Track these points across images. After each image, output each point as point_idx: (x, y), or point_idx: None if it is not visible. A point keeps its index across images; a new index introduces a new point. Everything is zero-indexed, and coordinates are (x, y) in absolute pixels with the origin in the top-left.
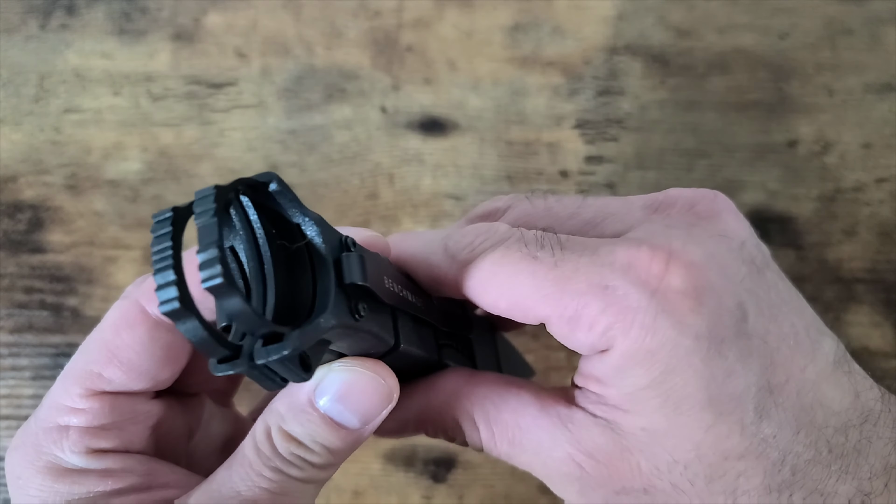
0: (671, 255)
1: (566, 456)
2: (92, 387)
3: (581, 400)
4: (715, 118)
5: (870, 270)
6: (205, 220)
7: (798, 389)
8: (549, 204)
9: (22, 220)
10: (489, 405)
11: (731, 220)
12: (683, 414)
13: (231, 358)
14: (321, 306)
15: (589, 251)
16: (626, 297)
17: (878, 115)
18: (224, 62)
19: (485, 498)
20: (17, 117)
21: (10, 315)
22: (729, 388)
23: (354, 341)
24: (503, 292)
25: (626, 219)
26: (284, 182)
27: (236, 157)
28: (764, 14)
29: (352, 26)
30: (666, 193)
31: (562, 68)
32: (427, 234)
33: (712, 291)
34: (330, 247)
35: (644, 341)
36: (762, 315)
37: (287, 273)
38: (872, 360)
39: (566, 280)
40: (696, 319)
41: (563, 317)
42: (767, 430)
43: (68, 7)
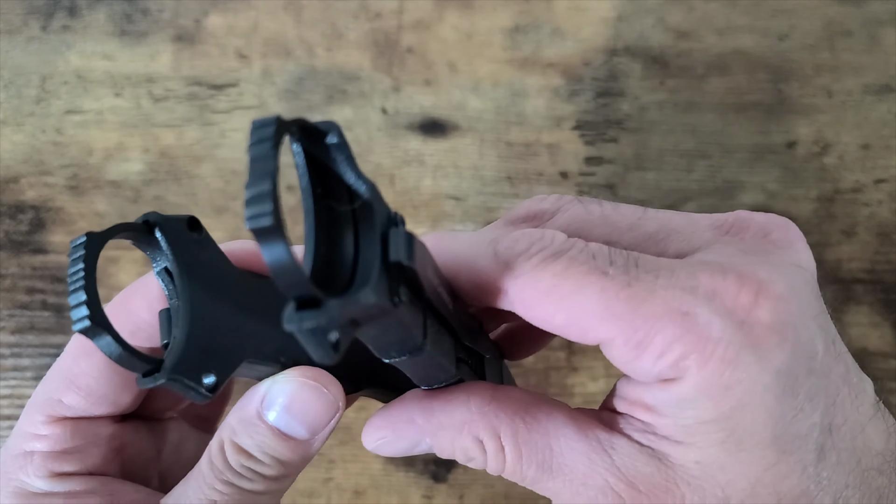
0: (760, 287)
1: (604, 484)
2: (53, 413)
3: (623, 426)
4: (714, 119)
5: (869, 271)
6: (260, 150)
7: (852, 432)
8: (605, 211)
9: (24, 221)
10: (519, 423)
11: (804, 251)
12: (745, 450)
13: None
14: (361, 280)
15: (666, 272)
16: (709, 326)
17: (877, 117)
18: (225, 63)
19: (485, 497)
20: (18, 118)
21: (11, 315)
22: (795, 428)
23: (382, 331)
24: (563, 307)
25: (692, 238)
26: (344, 136)
27: (237, 158)
28: (763, 15)
29: (352, 28)
30: (736, 216)
31: (561, 70)
32: (469, 236)
33: (794, 327)
34: (379, 217)
35: (723, 375)
36: (828, 353)
37: (328, 236)
38: (871, 361)
39: (641, 301)
40: (779, 355)
41: (630, 340)
42: (825, 472)
43: (70, 8)
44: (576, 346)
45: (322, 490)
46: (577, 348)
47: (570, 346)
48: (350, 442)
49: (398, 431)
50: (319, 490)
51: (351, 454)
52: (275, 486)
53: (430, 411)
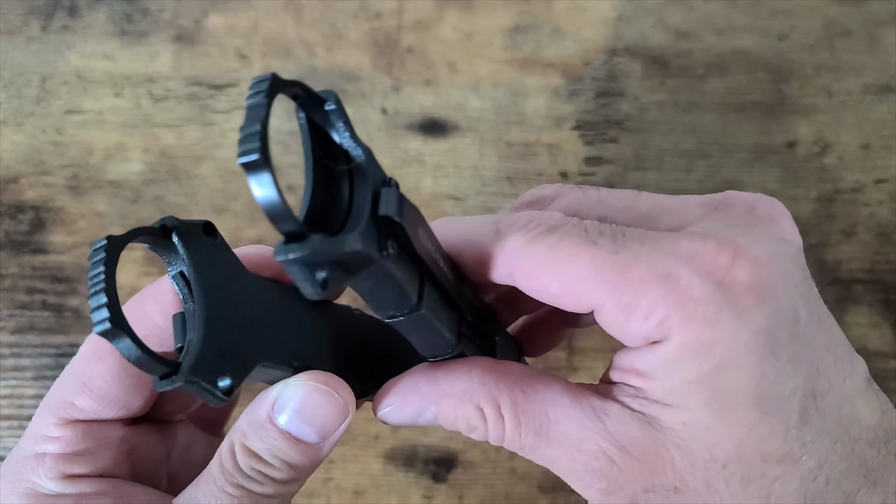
0: (738, 249)
1: (597, 449)
2: (65, 416)
3: (617, 393)
4: (714, 119)
5: (868, 271)
6: (256, 100)
7: (838, 400)
8: (601, 195)
9: (24, 221)
10: (517, 392)
11: (789, 226)
12: (729, 410)
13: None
14: (351, 227)
15: (651, 240)
16: (690, 286)
17: (877, 117)
18: (225, 63)
19: (485, 497)
20: (18, 118)
21: (11, 315)
22: (778, 389)
23: (376, 284)
24: (557, 275)
25: (682, 216)
26: (341, 103)
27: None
28: (763, 15)
29: (352, 28)
30: (724, 194)
31: (561, 70)
32: (474, 217)
33: (774, 290)
34: (373, 178)
35: (703, 333)
36: (811, 322)
37: (324, 192)
38: (871, 361)
39: (627, 266)
40: (758, 315)
41: (619, 303)
42: (808, 436)
43: (70, 9)
44: (576, 346)
45: (322, 490)
46: (577, 348)
47: (570, 346)
48: (350, 442)
49: (405, 398)
50: (319, 490)
51: (351, 454)
52: (284, 490)
53: (434, 380)
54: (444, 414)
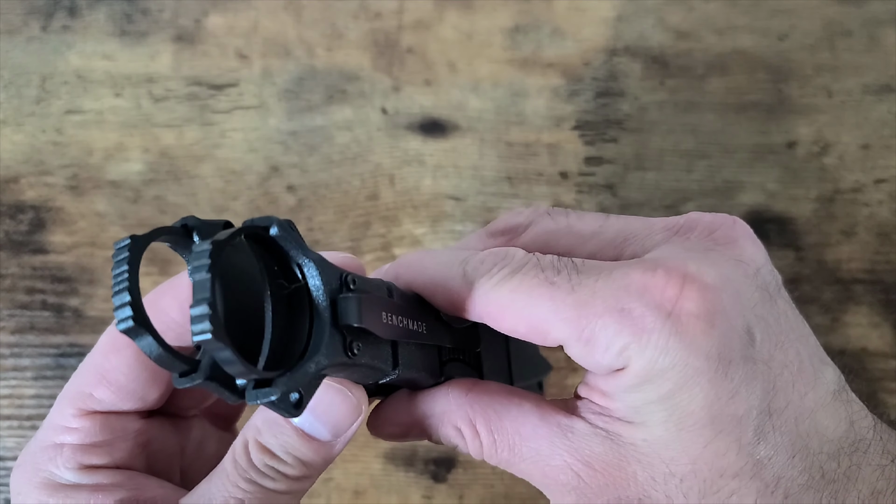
0: (685, 279)
1: (564, 464)
2: (84, 407)
3: (583, 411)
4: (714, 119)
5: (868, 271)
6: (199, 276)
7: (796, 416)
8: (570, 222)
9: (24, 221)
10: (491, 413)
11: (749, 247)
12: (685, 429)
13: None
14: (315, 347)
15: (605, 275)
16: (642, 318)
17: (877, 116)
18: (225, 63)
19: (485, 498)
20: (18, 118)
21: (11, 315)
22: (731, 409)
23: (351, 372)
24: (522, 317)
25: (645, 241)
26: (286, 225)
27: (237, 158)
28: (763, 15)
29: (352, 28)
30: (687, 217)
31: (561, 70)
32: (443, 254)
33: (724, 315)
34: (328, 287)
35: (657, 361)
36: (768, 341)
37: (285, 311)
38: (871, 361)
39: (583, 304)
40: (706, 342)
41: (580, 339)
42: (763, 452)
43: (70, 9)
44: None
45: (322, 490)
46: None
47: None
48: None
49: (392, 420)
50: (319, 490)
51: (351, 454)
52: (296, 487)
53: (415, 404)
54: (427, 434)
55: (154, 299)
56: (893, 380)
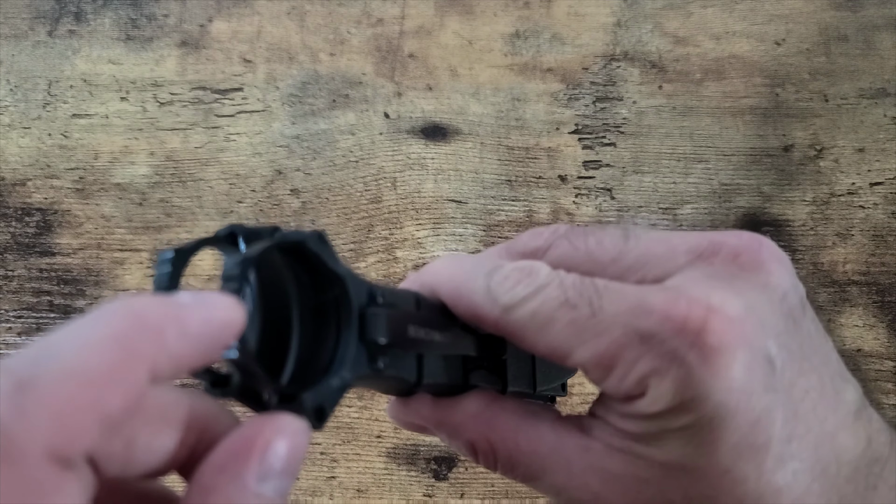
0: (709, 310)
1: (582, 484)
2: None
3: (599, 430)
4: (711, 123)
5: (864, 273)
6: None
7: (816, 442)
8: (589, 247)
9: (31, 224)
10: (508, 432)
11: (775, 270)
12: (704, 456)
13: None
14: (340, 361)
15: (627, 300)
16: (662, 347)
17: (872, 120)
18: (230, 68)
19: (485, 495)
20: (25, 122)
21: (18, 317)
22: (751, 438)
23: (376, 384)
24: (541, 339)
25: (667, 265)
26: (318, 237)
27: (242, 162)
28: (759, 21)
29: (355, 34)
30: (710, 240)
31: (561, 75)
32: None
33: (747, 347)
34: (357, 301)
35: (677, 393)
36: (790, 369)
37: (311, 323)
38: (866, 362)
39: (603, 330)
40: (728, 375)
41: (598, 365)
42: (782, 479)
43: (76, 14)
44: None
45: (325, 488)
46: None
47: None
48: (353, 440)
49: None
50: (322, 488)
51: (353, 453)
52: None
53: (436, 408)
54: (442, 438)
55: None
56: (889, 380)
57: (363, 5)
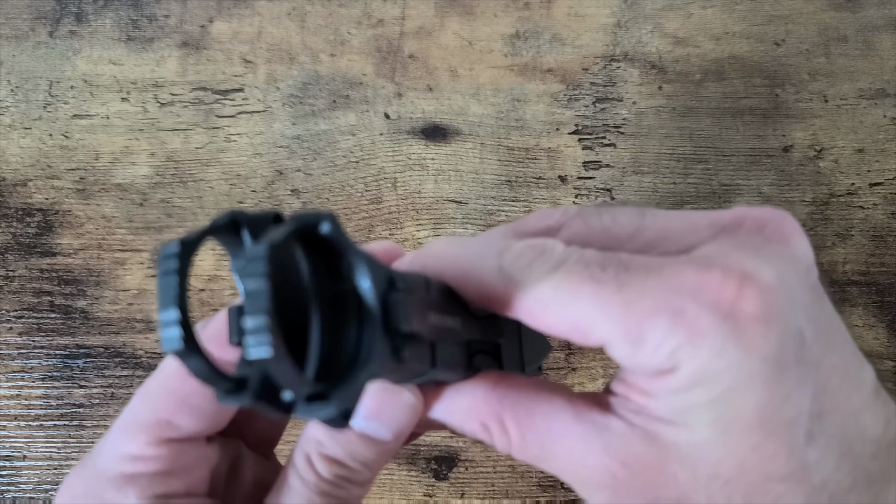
0: (744, 279)
1: (599, 464)
2: (162, 435)
3: (619, 408)
4: (711, 124)
5: (863, 273)
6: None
7: (843, 418)
8: (605, 224)
9: (32, 224)
10: (521, 410)
11: (800, 243)
12: (734, 432)
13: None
14: (366, 354)
15: (654, 272)
16: (697, 319)
17: (872, 121)
18: (230, 69)
19: (486, 495)
20: (26, 122)
21: (19, 317)
22: (783, 412)
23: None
24: (564, 316)
25: (690, 238)
26: (337, 222)
27: (242, 163)
28: (759, 21)
29: (356, 34)
30: (733, 213)
31: (561, 76)
32: (476, 245)
33: (780, 316)
34: (378, 289)
35: (711, 364)
36: (818, 343)
37: (330, 315)
38: None
39: (632, 303)
40: (763, 344)
41: (627, 339)
42: (812, 455)
43: (77, 14)
44: (575, 346)
45: None
46: (577, 348)
47: (569, 346)
48: None
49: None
50: None
51: None
52: (362, 491)
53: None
54: (452, 427)
55: None
56: (889, 380)
57: (363, 6)
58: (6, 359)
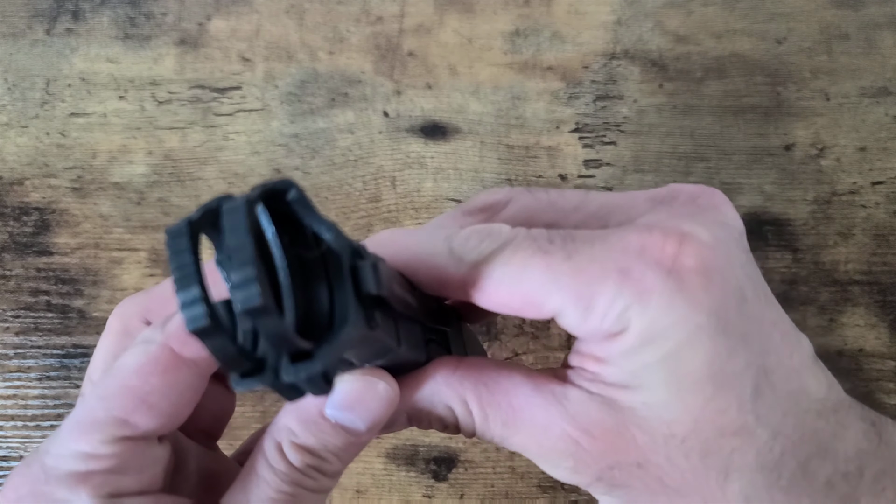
0: (682, 237)
1: (561, 432)
2: (116, 433)
3: (575, 378)
4: (712, 122)
5: (865, 272)
6: (238, 237)
7: (787, 374)
8: (551, 198)
9: (28, 223)
10: (481, 388)
11: (730, 213)
12: (686, 388)
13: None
14: (341, 318)
15: (600, 240)
16: (643, 278)
17: (874, 119)
18: (228, 67)
19: (485, 496)
20: (23, 121)
21: (16, 316)
22: (730, 366)
23: (363, 349)
24: (516, 290)
25: (630, 211)
26: (301, 189)
27: (240, 161)
28: (761, 19)
29: (354, 32)
30: (668, 188)
31: (561, 73)
32: (424, 233)
33: (720, 272)
34: (346, 255)
35: (659, 320)
36: (757, 301)
37: (303, 282)
38: (868, 362)
39: (581, 269)
40: (706, 297)
41: (578, 306)
42: (761, 409)
43: (74, 12)
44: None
45: None
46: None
47: (569, 346)
48: None
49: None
50: None
51: None
52: (330, 484)
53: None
54: (417, 419)
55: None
56: (890, 380)
57: (362, 3)
58: (3, 359)
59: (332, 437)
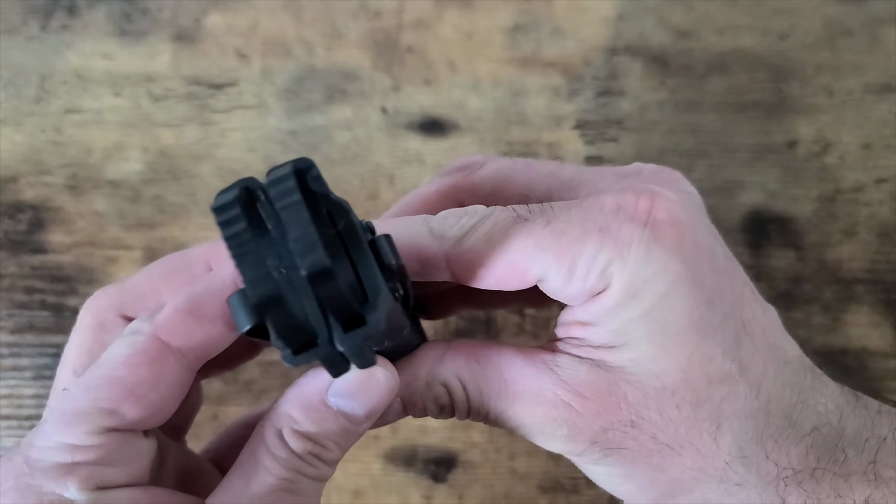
0: (654, 195)
1: (554, 397)
2: (103, 424)
3: (564, 347)
4: (714, 119)
5: (869, 271)
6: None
7: (763, 328)
8: (528, 161)
9: (23, 221)
10: (473, 363)
11: (690, 187)
12: (671, 339)
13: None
14: (373, 289)
15: (576, 206)
16: (621, 231)
17: (878, 116)
18: (225, 63)
19: (485, 498)
20: (17, 118)
21: (10, 315)
22: (710, 315)
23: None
24: (499, 260)
25: (599, 183)
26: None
27: (237, 158)
28: (763, 15)
29: (352, 27)
30: (633, 165)
31: (562, 69)
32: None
33: (691, 226)
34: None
35: (640, 272)
36: (726, 258)
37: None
38: (872, 361)
39: (561, 232)
40: (681, 246)
41: (562, 267)
42: (744, 357)
43: (69, 8)
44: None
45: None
46: None
47: None
48: None
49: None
50: None
51: (351, 454)
52: (329, 472)
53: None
54: (411, 403)
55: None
56: (894, 379)
57: None
58: None
59: (332, 425)
